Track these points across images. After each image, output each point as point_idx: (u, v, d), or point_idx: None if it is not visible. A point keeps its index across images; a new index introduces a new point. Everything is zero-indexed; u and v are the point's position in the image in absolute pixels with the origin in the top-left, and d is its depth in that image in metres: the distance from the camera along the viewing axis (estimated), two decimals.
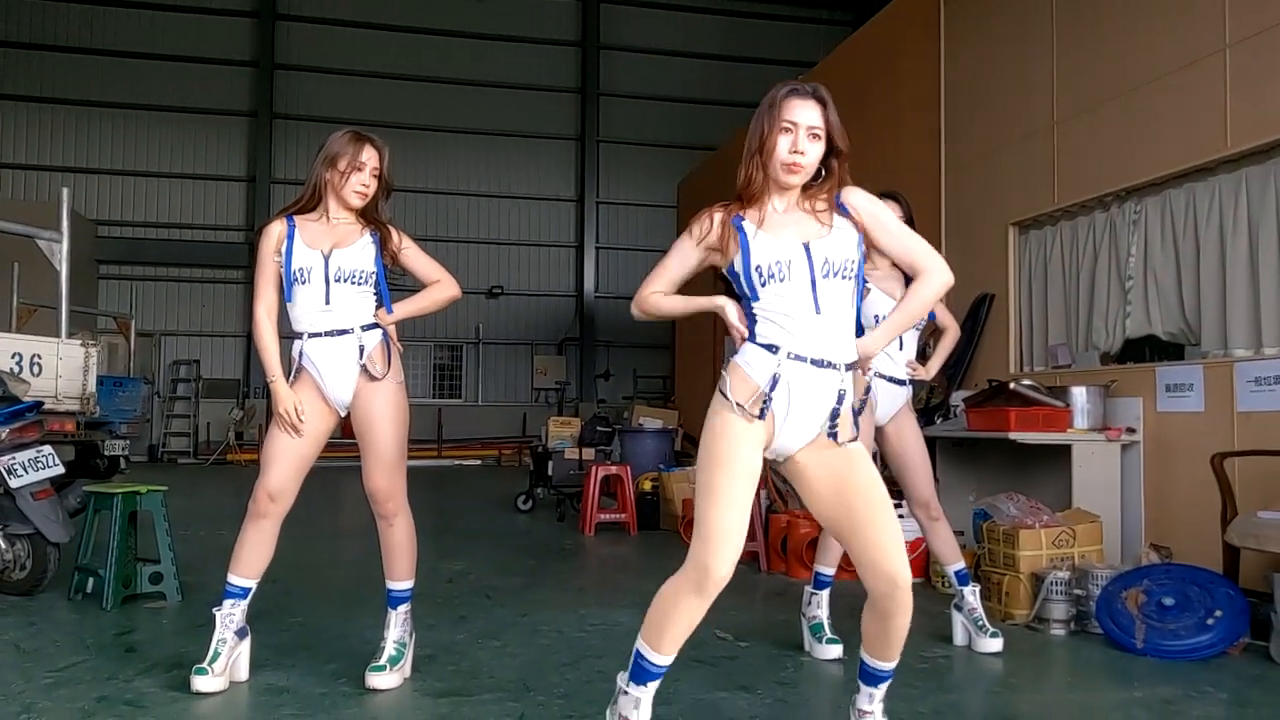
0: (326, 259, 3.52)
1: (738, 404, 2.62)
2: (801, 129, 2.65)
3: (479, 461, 19.79)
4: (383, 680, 3.55)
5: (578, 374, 22.09)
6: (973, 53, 7.66)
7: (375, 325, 3.61)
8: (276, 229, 3.59)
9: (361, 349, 3.56)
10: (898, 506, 5.88)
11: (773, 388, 2.60)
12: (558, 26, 22.59)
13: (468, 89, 21.92)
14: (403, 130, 20.79)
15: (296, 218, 3.62)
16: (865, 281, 4.27)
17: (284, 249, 3.55)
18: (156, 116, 20.63)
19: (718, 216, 2.71)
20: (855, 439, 2.72)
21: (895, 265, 4.33)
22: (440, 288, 3.74)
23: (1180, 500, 5.39)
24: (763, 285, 2.63)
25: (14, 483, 5.05)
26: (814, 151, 2.67)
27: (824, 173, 2.73)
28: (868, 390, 4.25)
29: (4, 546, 5.08)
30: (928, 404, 6.88)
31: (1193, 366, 5.45)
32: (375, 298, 3.63)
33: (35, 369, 8.28)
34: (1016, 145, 7.00)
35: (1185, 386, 5.41)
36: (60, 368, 8.60)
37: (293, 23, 21.39)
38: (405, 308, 3.68)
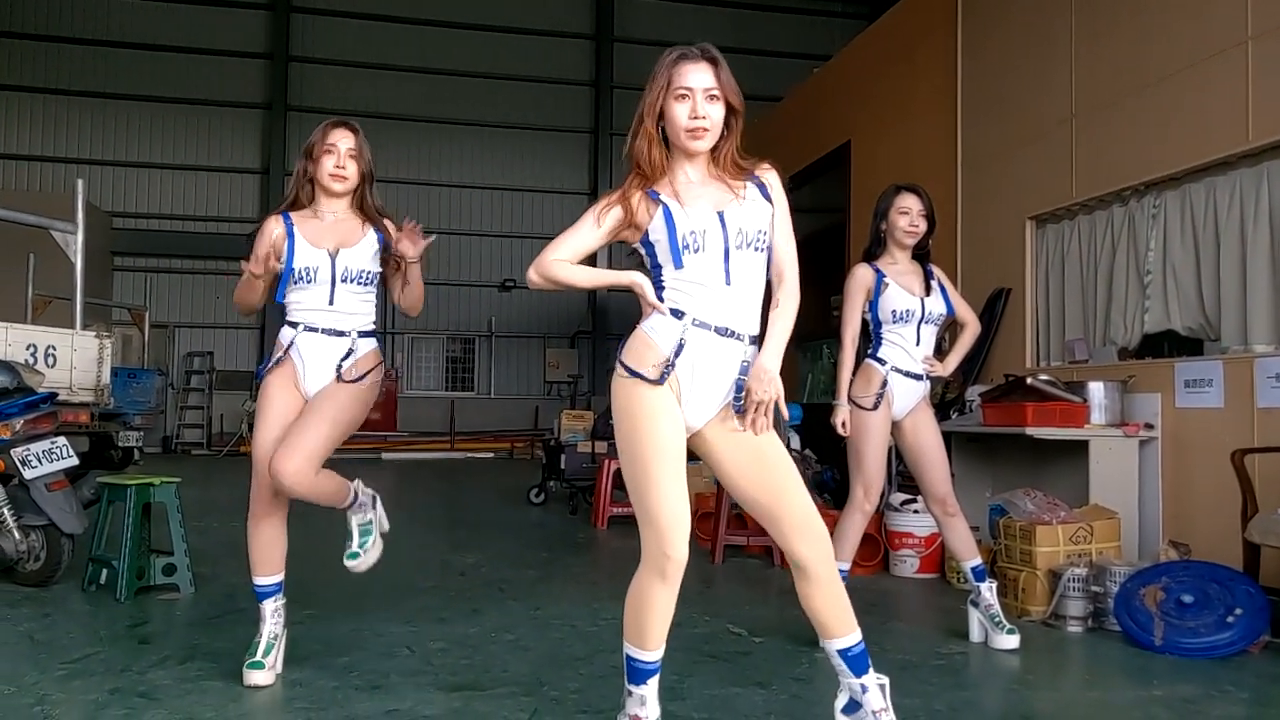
0: (333, 259, 3.49)
1: (638, 372, 2.60)
2: (698, 93, 2.61)
3: (491, 454, 19.80)
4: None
5: (590, 367, 22.06)
6: (990, 46, 7.60)
7: (371, 334, 3.58)
8: (274, 229, 3.54)
9: (350, 353, 3.53)
10: (913, 501, 5.93)
11: (678, 354, 2.59)
12: (571, 19, 22.55)
13: (481, 81, 21.90)
14: (416, 123, 20.85)
15: (292, 214, 3.59)
16: (883, 276, 4.25)
17: (285, 248, 3.50)
18: (171, 108, 20.66)
19: (635, 196, 2.65)
20: (766, 433, 2.67)
21: (914, 259, 4.33)
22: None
23: (1199, 497, 5.34)
24: (680, 258, 2.60)
25: (28, 474, 5.06)
26: (716, 113, 2.63)
27: (724, 132, 2.69)
28: (884, 384, 4.23)
29: (18, 538, 5.09)
30: (943, 399, 6.84)
31: (1212, 362, 5.39)
32: (374, 300, 3.60)
33: (50, 360, 8.31)
34: (1034, 139, 6.94)
35: (1205, 382, 5.36)
36: (75, 359, 8.65)
37: (307, 15, 21.39)
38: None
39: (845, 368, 4.27)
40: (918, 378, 4.29)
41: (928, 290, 4.30)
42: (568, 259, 2.70)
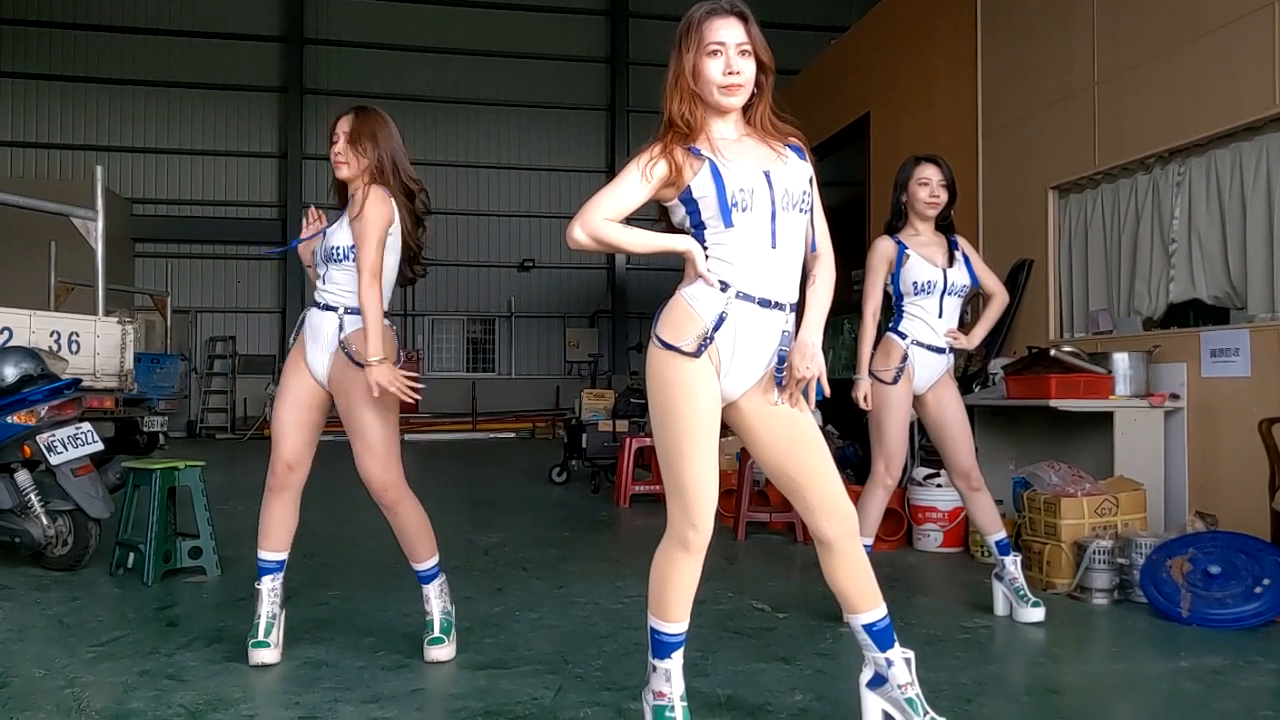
0: (325, 234, 3.59)
1: (675, 346, 2.56)
2: (731, 47, 2.57)
3: (513, 434, 19.86)
4: (444, 652, 3.59)
5: (610, 346, 22.06)
6: (1010, 12, 7.49)
7: (358, 311, 3.51)
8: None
9: (340, 327, 3.52)
10: (936, 476, 5.89)
11: (717, 327, 2.55)
12: None
13: (497, 60, 21.82)
14: (432, 103, 20.81)
15: None
16: (905, 247, 4.22)
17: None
18: (188, 94, 20.70)
19: (678, 152, 2.57)
20: (806, 414, 2.67)
21: (938, 230, 4.30)
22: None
23: (1226, 467, 5.29)
24: (730, 216, 2.54)
25: (54, 459, 5.10)
26: (748, 68, 2.59)
27: (755, 90, 2.65)
28: (905, 358, 4.20)
29: (46, 523, 5.14)
30: (965, 372, 6.79)
31: (1239, 330, 5.32)
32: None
33: (74, 347, 8.38)
34: (1056, 106, 6.85)
35: (1231, 351, 5.30)
36: (98, 345, 8.71)
37: None
38: None
39: (866, 341, 4.24)
40: (940, 351, 4.25)
41: (950, 261, 4.25)
42: (613, 218, 2.59)
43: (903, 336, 4.23)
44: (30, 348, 6.23)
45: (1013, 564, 4.24)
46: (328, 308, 3.56)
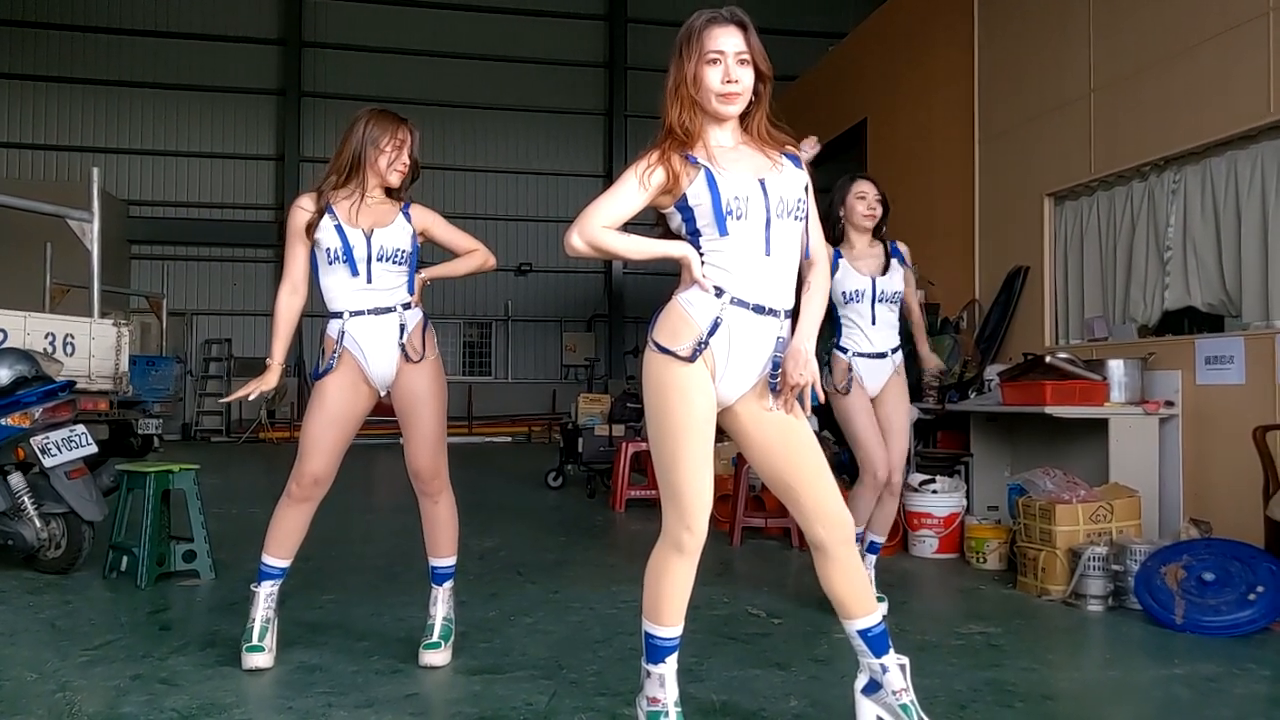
0: (368, 238, 3.52)
1: (671, 350, 2.58)
2: (730, 56, 2.59)
3: (509, 439, 19.83)
4: (439, 657, 3.58)
5: (607, 351, 22.04)
6: (1008, 20, 7.51)
7: (410, 305, 3.62)
8: (310, 205, 3.55)
9: (403, 328, 3.57)
10: (931, 482, 5.90)
11: (712, 332, 2.57)
12: (585, 1, 22.44)
13: (495, 64, 21.81)
14: (431, 107, 20.74)
15: (330, 195, 3.60)
16: (839, 255, 4.35)
17: (322, 226, 3.52)
18: (185, 96, 20.65)
19: (675, 159, 2.59)
20: (800, 418, 2.70)
21: (877, 240, 4.46)
22: (478, 255, 3.79)
23: (1220, 474, 5.29)
24: (724, 225, 2.56)
25: (48, 462, 5.09)
26: (746, 77, 2.61)
27: (753, 99, 2.66)
28: (850, 369, 4.42)
29: (39, 525, 5.13)
30: (962, 378, 6.80)
31: (1233, 338, 5.34)
32: (409, 276, 3.64)
33: (68, 349, 8.35)
34: (1052, 114, 6.87)
35: (1226, 358, 5.31)
36: (93, 347, 8.68)
37: None
38: (441, 269, 3.76)
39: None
40: (880, 355, 4.44)
41: (884, 269, 4.43)
42: (610, 225, 2.60)
43: (844, 351, 4.44)
44: (25, 350, 6.21)
45: (871, 566, 4.43)
46: (384, 310, 3.55)
